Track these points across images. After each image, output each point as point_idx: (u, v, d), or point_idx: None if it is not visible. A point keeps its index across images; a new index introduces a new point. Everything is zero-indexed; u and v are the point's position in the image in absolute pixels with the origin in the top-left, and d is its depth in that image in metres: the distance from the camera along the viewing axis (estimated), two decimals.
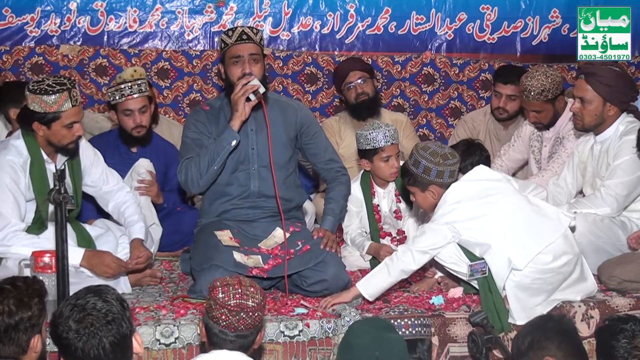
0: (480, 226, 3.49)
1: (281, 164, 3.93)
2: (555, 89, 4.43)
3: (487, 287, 3.48)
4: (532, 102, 4.47)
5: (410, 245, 3.55)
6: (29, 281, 2.57)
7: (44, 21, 5.53)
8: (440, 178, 3.52)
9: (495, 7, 5.96)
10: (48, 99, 3.50)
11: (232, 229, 3.87)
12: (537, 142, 4.70)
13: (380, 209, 4.24)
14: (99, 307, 2.22)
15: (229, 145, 3.76)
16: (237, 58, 3.79)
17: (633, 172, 3.94)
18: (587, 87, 3.99)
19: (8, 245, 3.51)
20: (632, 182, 3.95)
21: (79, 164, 3.82)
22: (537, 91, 4.41)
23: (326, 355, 3.38)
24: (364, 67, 5.21)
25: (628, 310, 3.57)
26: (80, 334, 2.18)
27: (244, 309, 2.53)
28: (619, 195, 3.95)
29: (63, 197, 2.93)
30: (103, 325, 2.20)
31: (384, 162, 4.10)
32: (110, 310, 2.22)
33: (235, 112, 3.75)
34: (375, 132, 4.06)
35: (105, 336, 2.19)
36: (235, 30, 3.83)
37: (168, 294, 3.81)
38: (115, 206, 3.95)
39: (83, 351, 2.18)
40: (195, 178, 3.81)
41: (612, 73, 4.00)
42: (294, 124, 3.99)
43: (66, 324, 2.20)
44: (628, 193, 3.96)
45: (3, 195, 3.54)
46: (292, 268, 3.72)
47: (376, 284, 3.53)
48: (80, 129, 3.63)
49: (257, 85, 3.73)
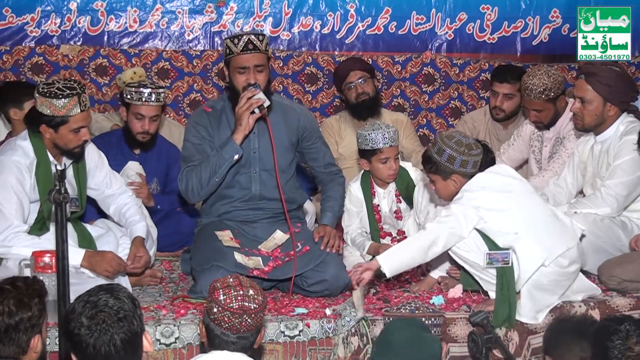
0: (506, 217, 3.49)
1: (283, 168, 3.93)
2: (556, 89, 4.43)
3: (505, 279, 3.46)
4: (534, 101, 4.47)
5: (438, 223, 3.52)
6: (29, 281, 2.57)
7: (44, 21, 5.52)
8: (464, 168, 3.50)
9: (495, 7, 5.96)
10: (57, 103, 3.50)
11: (232, 229, 3.87)
12: (537, 142, 4.70)
13: (381, 209, 4.23)
14: (111, 304, 2.22)
15: (231, 158, 3.76)
16: (243, 69, 3.79)
17: (633, 172, 3.94)
18: (587, 87, 3.99)
19: (9, 246, 3.51)
20: (632, 182, 3.95)
21: (84, 166, 3.83)
22: (539, 90, 4.41)
23: (326, 355, 3.38)
24: (365, 67, 5.21)
25: (628, 310, 3.57)
26: (91, 330, 2.19)
27: (247, 311, 2.51)
28: (619, 195, 3.95)
29: (63, 197, 2.93)
30: (115, 322, 2.20)
31: (382, 163, 4.10)
32: (122, 308, 2.23)
33: (239, 125, 3.74)
34: (374, 133, 4.05)
35: (116, 333, 2.20)
36: (242, 38, 3.78)
37: (168, 294, 3.81)
38: (117, 209, 3.95)
39: (94, 347, 2.19)
40: (196, 189, 3.82)
41: (612, 73, 4.00)
42: (296, 129, 3.98)
43: (78, 320, 2.21)
44: (628, 193, 3.96)
45: (7, 196, 3.54)
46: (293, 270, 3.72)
47: (397, 259, 3.46)
48: (87, 133, 3.63)
49: (262, 100, 3.73)
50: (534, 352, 3.51)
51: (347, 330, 3.38)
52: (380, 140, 4.04)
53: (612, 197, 3.95)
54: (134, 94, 4.35)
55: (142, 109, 4.37)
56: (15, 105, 4.39)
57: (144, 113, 4.39)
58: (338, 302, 3.66)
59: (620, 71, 4.08)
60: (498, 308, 3.43)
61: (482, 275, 3.57)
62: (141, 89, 4.35)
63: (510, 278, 3.45)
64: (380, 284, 3.95)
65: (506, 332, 3.48)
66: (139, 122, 4.40)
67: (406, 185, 4.19)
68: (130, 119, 4.43)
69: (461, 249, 3.52)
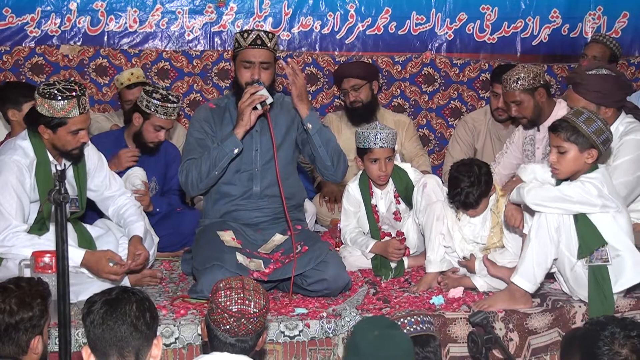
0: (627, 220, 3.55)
1: (284, 165, 3.93)
2: (531, 79, 4.34)
3: (600, 275, 3.48)
4: (509, 93, 4.40)
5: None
6: (33, 282, 2.57)
7: (44, 21, 5.53)
8: (605, 146, 3.48)
9: (495, 7, 5.96)
10: (56, 104, 3.50)
11: (234, 230, 3.88)
12: (530, 146, 4.66)
13: (378, 209, 4.23)
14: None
15: (232, 152, 3.77)
16: (249, 63, 3.80)
17: (633, 172, 3.94)
18: (577, 96, 3.99)
19: (9, 246, 3.50)
20: (632, 182, 3.94)
21: (84, 166, 3.83)
22: (513, 79, 4.35)
23: (326, 355, 3.38)
24: (360, 72, 5.11)
25: (628, 311, 3.58)
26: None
27: (245, 314, 2.50)
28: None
29: (63, 197, 2.93)
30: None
31: (372, 163, 4.10)
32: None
33: (240, 120, 3.75)
34: (369, 132, 4.06)
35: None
36: (251, 33, 3.81)
37: (168, 294, 3.81)
38: (115, 210, 3.95)
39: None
40: (196, 181, 3.82)
41: (598, 79, 3.98)
42: (296, 124, 3.99)
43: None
44: (628, 193, 3.95)
45: (7, 195, 3.54)
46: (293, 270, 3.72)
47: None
48: (86, 136, 3.63)
49: (264, 96, 3.73)
50: (534, 352, 3.52)
51: (347, 330, 3.38)
52: (372, 140, 4.04)
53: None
54: (160, 108, 4.31)
55: (164, 121, 4.37)
56: (14, 106, 4.38)
57: (165, 125, 4.39)
58: (338, 302, 3.66)
59: (605, 74, 4.02)
60: (592, 304, 3.46)
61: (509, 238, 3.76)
62: (167, 105, 4.32)
63: (606, 275, 3.47)
64: (380, 284, 3.95)
65: (506, 332, 3.48)
66: (157, 133, 4.40)
67: (405, 186, 4.19)
68: (146, 128, 4.39)
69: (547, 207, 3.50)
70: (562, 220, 3.50)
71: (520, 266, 3.54)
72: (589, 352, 2.42)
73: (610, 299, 3.46)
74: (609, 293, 3.47)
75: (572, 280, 3.57)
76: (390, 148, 4.10)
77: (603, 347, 2.38)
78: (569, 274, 3.57)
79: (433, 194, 4.03)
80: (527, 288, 3.54)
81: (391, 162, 4.13)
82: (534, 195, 3.48)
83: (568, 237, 3.51)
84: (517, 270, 3.55)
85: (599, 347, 2.39)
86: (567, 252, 3.52)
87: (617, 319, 2.48)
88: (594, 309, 3.45)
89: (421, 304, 3.64)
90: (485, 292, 3.79)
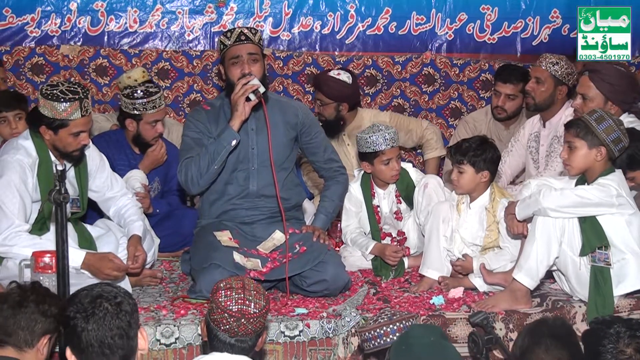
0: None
1: (281, 164, 3.93)
2: (564, 72, 4.48)
3: (602, 276, 3.48)
4: (539, 68, 4.53)
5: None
6: (64, 303, 2.55)
7: (45, 21, 5.53)
8: (616, 145, 3.47)
9: (495, 7, 5.95)
10: (59, 106, 3.50)
11: (231, 230, 3.87)
12: (534, 142, 4.69)
13: (380, 209, 4.23)
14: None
15: (229, 145, 3.76)
16: (236, 59, 3.79)
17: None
18: (590, 84, 4.01)
19: (10, 245, 3.51)
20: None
21: (85, 167, 3.83)
22: (551, 61, 4.49)
23: (326, 355, 3.38)
24: (328, 91, 4.96)
25: (628, 311, 3.57)
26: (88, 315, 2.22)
27: (245, 315, 2.50)
28: None
29: (63, 198, 2.93)
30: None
31: (385, 165, 4.11)
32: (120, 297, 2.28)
33: (235, 111, 3.74)
34: (375, 135, 4.06)
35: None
36: (234, 31, 3.82)
37: (168, 294, 3.81)
38: (116, 210, 3.96)
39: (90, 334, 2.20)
40: (196, 177, 3.81)
41: (617, 72, 4.02)
42: (294, 125, 3.98)
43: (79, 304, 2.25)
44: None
45: (10, 195, 3.54)
46: (291, 270, 3.71)
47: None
48: (87, 138, 3.64)
49: (256, 85, 3.73)
50: None
51: (347, 330, 3.38)
52: (382, 142, 4.05)
53: None
54: (147, 104, 4.35)
55: (158, 114, 4.40)
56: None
57: (159, 117, 4.42)
58: (338, 302, 3.66)
59: (624, 71, 4.09)
60: (590, 304, 3.46)
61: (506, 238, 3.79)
62: (152, 98, 4.36)
63: (607, 277, 3.47)
64: (380, 285, 3.95)
65: (506, 332, 3.48)
66: (153, 128, 4.42)
67: (406, 186, 4.19)
68: (143, 128, 4.41)
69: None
70: (567, 219, 3.51)
71: (523, 263, 3.54)
72: (593, 349, 2.43)
73: (609, 301, 3.46)
74: (609, 295, 3.46)
75: (575, 280, 3.57)
76: (397, 146, 4.14)
77: (608, 345, 2.39)
78: (572, 274, 3.57)
79: (434, 195, 4.04)
80: (529, 284, 3.55)
81: (399, 160, 4.15)
82: (551, 200, 3.47)
83: (571, 235, 3.52)
84: (519, 267, 3.56)
85: (603, 345, 2.40)
86: (569, 250, 3.52)
87: (623, 319, 2.51)
88: (592, 310, 3.45)
89: (421, 304, 3.64)
90: (486, 292, 3.79)
